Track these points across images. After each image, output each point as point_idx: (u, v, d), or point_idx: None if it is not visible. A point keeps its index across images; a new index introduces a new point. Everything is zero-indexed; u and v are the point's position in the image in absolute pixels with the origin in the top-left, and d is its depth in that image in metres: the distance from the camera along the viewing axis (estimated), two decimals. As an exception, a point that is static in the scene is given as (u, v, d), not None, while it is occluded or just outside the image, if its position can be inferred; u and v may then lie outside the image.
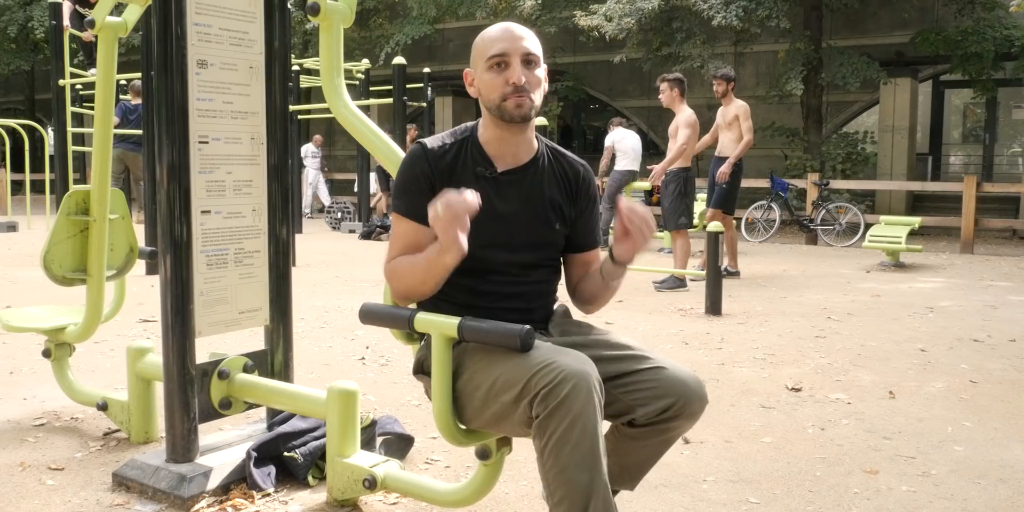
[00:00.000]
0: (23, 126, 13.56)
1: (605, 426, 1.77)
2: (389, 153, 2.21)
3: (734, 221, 8.17)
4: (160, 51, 2.37)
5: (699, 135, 7.23)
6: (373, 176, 13.62)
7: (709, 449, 2.95)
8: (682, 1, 13.01)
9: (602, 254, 2.04)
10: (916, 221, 9.15)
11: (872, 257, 9.46)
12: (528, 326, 1.69)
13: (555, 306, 2.09)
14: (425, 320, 1.83)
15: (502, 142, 1.97)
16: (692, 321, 5.48)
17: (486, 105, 1.93)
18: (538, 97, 1.93)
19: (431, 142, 1.98)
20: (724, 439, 3.06)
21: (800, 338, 4.91)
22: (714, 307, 5.72)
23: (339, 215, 13.50)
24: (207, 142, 2.50)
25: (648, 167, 8.90)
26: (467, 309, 1.90)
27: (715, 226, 5.74)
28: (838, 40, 15.12)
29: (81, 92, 11.86)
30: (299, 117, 13.33)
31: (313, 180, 16.44)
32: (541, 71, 1.93)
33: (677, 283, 6.94)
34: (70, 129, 8.25)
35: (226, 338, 4.37)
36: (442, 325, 1.80)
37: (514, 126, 1.93)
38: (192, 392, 2.49)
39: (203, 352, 2.67)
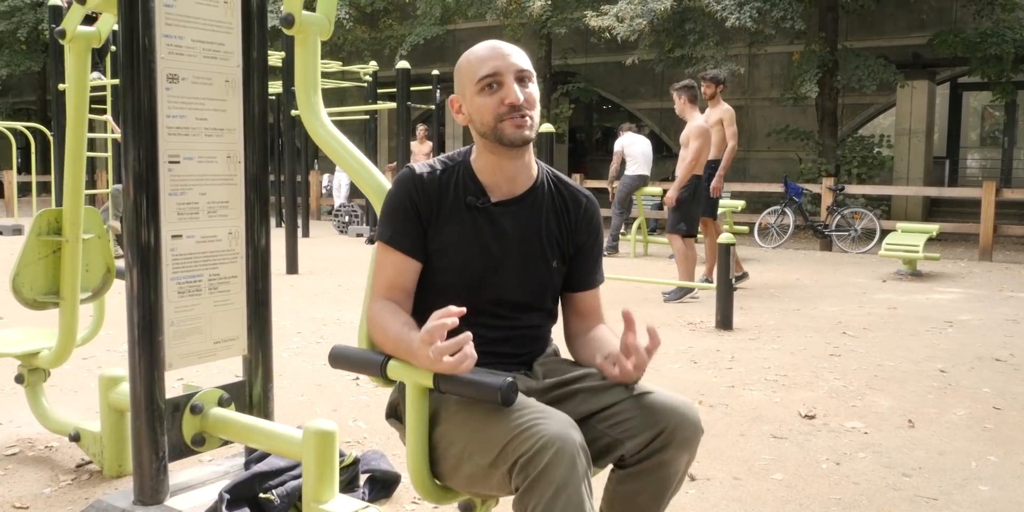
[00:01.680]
0: (31, 129, 13.51)
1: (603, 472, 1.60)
2: (369, 178, 2.04)
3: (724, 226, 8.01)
4: (126, 65, 2.21)
5: (711, 141, 7.01)
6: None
7: (716, 487, 2.77)
8: (695, 2, 12.80)
9: (614, 340, 1.82)
10: (934, 229, 8.93)
11: (888, 265, 9.23)
12: (510, 378, 1.52)
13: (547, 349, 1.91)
14: (399, 367, 1.66)
15: (497, 169, 1.80)
16: (702, 336, 5.29)
17: (480, 131, 1.76)
18: (537, 114, 1.76)
19: (420, 167, 1.83)
20: (732, 476, 2.88)
21: (814, 357, 4.71)
22: (725, 321, 5.53)
23: (347, 218, 13.36)
24: (178, 162, 2.34)
25: (662, 188, 8.71)
26: None
27: (726, 238, 5.55)
28: (854, 42, 14.86)
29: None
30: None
31: (333, 183, 15.32)
32: (535, 88, 1.77)
33: (684, 292, 6.76)
34: (70, 134, 8.12)
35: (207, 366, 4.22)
36: (417, 373, 1.63)
37: (512, 151, 1.75)
38: (161, 429, 2.33)
39: (177, 382, 2.52)
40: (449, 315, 1.51)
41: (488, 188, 1.80)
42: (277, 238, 9.09)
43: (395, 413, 1.85)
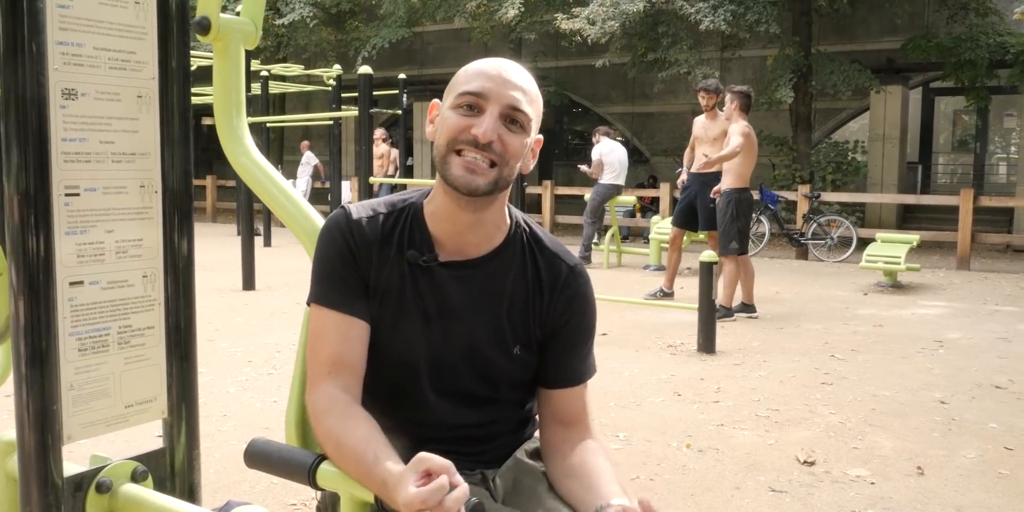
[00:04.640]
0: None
1: None
2: (301, 219, 1.67)
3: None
4: (8, 77, 1.81)
5: (755, 149, 6.49)
6: (346, 184, 13.05)
7: (714, 560, 2.44)
8: (668, 5, 12.52)
9: (608, 474, 1.32)
10: (914, 239, 8.71)
11: (867, 276, 8.99)
12: (477, 500, 1.16)
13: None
14: (333, 475, 1.30)
15: (453, 220, 1.38)
16: (683, 362, 4.96)
17: (435, 153, 1.37)
18: (508, 169, 1.33)
19: (357, 210, 1.43)
20: (731, 543, 2.54)
21: (805, 386, 4.40)
22: (707, 344, 5.21)
23: (310, 226, 12.89)
24: (77, 194, 1.94)
25: (636, 195, 8.40)
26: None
27: (708, 256, 5.23)
28: (827, 46, 14.68)
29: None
30: (268, 125, 12.73)
31: (302, 190, 14.79)
32: (524, 138, 1.34)
33: (726, 312, 6.32)
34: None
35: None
36: (356, 485, 1.26)
37: (461, 199, 1.33)
38: (58, 515, 1.94)
39: (83, 452, 2.12)
40: (444, 472, 1.11)
41: (438, 241, 1.40)
42: (234, 249, 8.67)
43: (325, 520, 1.48)
